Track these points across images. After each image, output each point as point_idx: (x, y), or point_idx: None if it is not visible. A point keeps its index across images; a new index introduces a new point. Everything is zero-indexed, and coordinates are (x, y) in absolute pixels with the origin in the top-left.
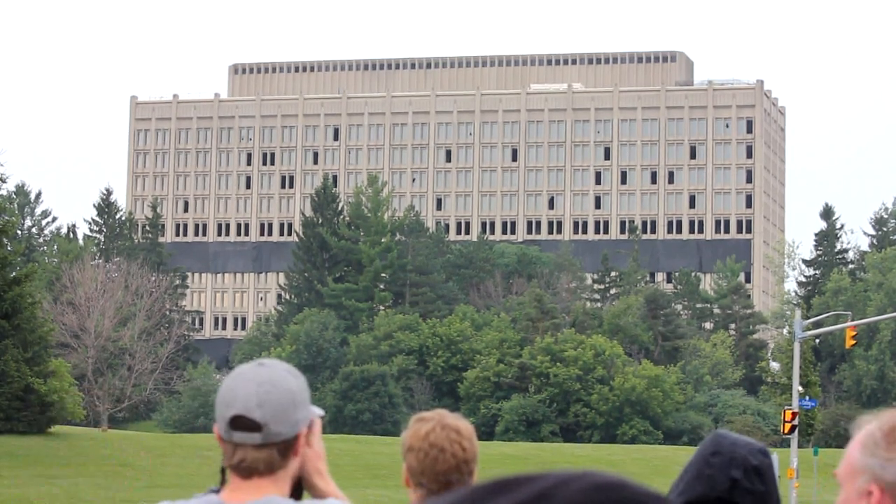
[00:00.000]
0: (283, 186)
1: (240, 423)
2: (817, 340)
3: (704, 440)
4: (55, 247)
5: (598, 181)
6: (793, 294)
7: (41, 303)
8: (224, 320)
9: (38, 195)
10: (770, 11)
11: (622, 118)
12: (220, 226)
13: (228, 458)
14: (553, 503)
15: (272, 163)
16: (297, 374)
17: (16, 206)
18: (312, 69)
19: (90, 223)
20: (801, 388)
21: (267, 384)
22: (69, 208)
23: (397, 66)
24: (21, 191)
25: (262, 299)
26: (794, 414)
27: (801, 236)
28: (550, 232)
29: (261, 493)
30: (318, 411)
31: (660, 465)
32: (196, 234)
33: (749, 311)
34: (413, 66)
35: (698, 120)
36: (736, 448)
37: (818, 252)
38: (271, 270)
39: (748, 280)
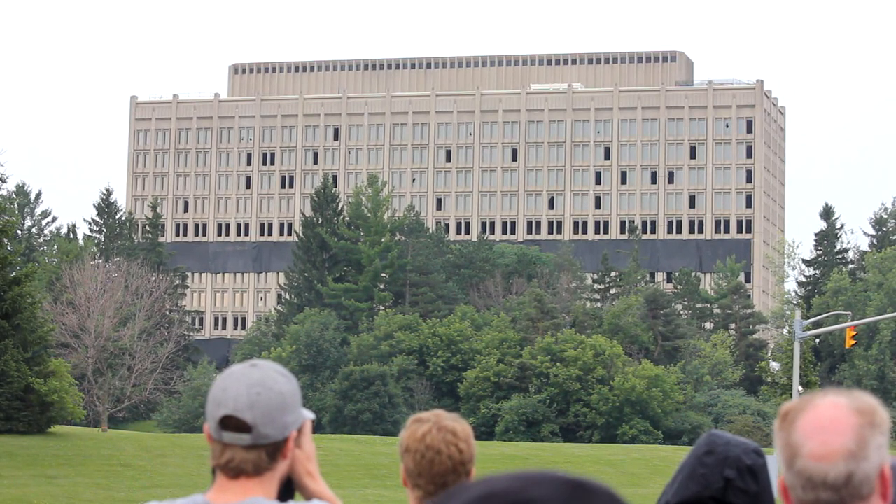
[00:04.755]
0: (283, 186)
1: (230, 423)
2: (817, 340)
3: (698, 440)
4: (55, 247)
5: (598, 181)
6: (793, 294)
7: (41, 303)
8: (224, 320)
9: (38, 195)
10: (770, 11)
11: (622, 118)
12: (220, 226)
13: (217, 457)
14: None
15: (272, 163)
16: (289, 376)
17: (16, 206)
18: (312, 69)
19: (90, 223)
20: (801, 388)
21: (258, 386)
22: (69, 208)
23: (397, 66)
24: (21, 191)
25: (262, 299)
26: None
27: (801, 236)
28: (550, 232)
29: (247, 494)
30: (309, 414)
31: (660, 465)
32: (196, 234)
33: (749, 311)
34: (413, 66)
35: (698, 120)
36: (730, 448)
37: (818, 252)
38: (271, 270)
39: (748, 280)
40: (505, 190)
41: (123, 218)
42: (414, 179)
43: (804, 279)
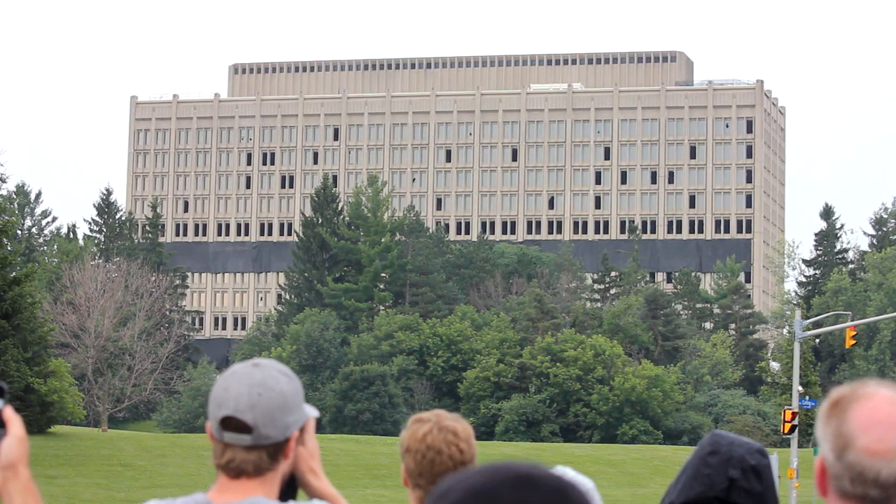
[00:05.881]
0: (283, 186)
1: (230, 423)
2: (817, 340)
3: (702, 440)
4: (55, 247)
5: (598, 181)
6: (793, 294)
7: (41, 303)
8: (224, 320)
9: (38, 195)
10: (770, 11)
11: (622, 118)
12: (220, 226)
13: (218, 456)
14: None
15: (272, 163)
16: (291, 376)
17: (16, 206)
18: (312, 69)
19: (90, 223)
20: (801, 388)
21: (259, 386)
22: (69, 208)
23: (397, 66)
24: (21, 191)
25: (262, 299)
26: (794, 414)
27: (801, 236)
28: (550, 232)
29: (248, 493)
30: (313, 412)
31: (660, 465)
32: (196, 234)
33: (749, 311)
34: (413, 66)
35: (698, 120)
36: (733, 448)
37: (818, 252)
38: (271, 270)
39: (748, 280)
40: (505, 190)
41: (123, 218)
42: (414, 179)
43: (804, 279)
